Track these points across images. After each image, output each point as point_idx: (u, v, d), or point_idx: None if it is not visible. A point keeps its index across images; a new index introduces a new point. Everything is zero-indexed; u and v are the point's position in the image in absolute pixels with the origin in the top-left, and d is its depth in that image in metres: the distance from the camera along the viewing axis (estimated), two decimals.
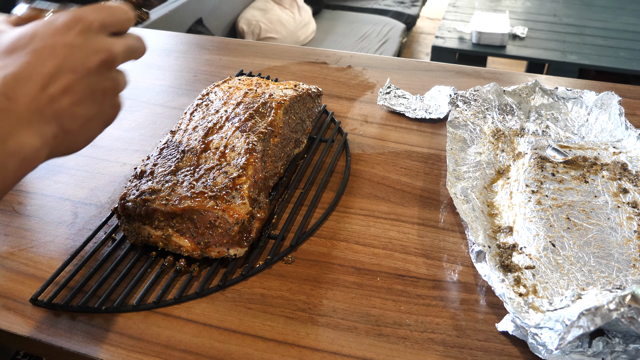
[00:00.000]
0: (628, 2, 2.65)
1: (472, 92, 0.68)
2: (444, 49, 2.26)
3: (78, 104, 0.34)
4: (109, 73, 0.36)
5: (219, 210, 0.46)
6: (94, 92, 0.35)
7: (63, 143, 0.34)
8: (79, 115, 0.34)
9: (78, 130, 0.35)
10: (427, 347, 0.43)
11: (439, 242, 0.53)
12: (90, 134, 0.36)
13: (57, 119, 0.33)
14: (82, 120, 0.35)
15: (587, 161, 0.58)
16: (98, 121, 0.37)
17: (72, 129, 0.34)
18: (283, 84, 0.66)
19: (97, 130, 0.37)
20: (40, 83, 0.32)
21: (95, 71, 0.35)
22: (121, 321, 0.45)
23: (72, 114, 0.34)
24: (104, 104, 0.36)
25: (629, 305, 0.37)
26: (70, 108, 0.34)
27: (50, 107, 0.33)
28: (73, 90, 0.34)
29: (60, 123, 0.33)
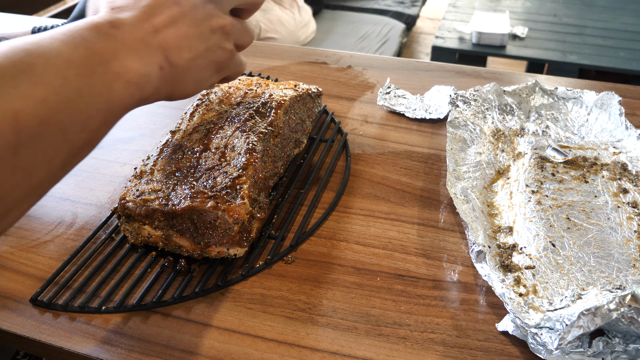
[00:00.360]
0: (628, 2, 2.65)
1: (472, 92, 0.68)
2: (444, 49, 2.26)
3: (183, 37, 0.34)
4: (216, 11, 0.36)
5: (219, 210, 0.46)
6: (200, 28, 0.34)
7: (171, 78, 0.33)
8: (185, 49, 0.34)
9: (185, 66, 0.34)
10: (427, 347, 0.43)
11: (439, 242, 0.53)
12: (199, 75, 0.36)
13: (162, 49, 0.32)
14: (189, 55, 0.34)
15: (587, 161, 0.58)
16: (206, 61, 0.36)
17: (178, 62, 0.33)
18: (283, 84, 0.66)
19: (206, 72, 0.36)
20: (144, 13, 0.32)
21: (201, 7, 0.34)
22: (121, 321, 0.45)
23: (177, 46, 0.33)
24: (211, 42, 0.35)
25: (629, 305, 0.37)
26: (175, 40, 0.33)
27: (155, 37, 0.32)
28: (178, 23, 0.33)
29: (165, 54, 0.33)
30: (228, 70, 0.39)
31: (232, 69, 0.40)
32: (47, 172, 0.25)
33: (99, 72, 0.28)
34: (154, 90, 0.32)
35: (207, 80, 0.37)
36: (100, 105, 0.28)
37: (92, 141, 0.29)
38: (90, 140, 0.28)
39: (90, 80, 0.27)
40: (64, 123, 0.25)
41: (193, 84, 0.36)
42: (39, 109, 0.24)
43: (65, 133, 0.26)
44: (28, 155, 0.24)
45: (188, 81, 0.35)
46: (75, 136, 0.26)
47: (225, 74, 0.39)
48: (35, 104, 0.24)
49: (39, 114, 0.24)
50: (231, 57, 0.38)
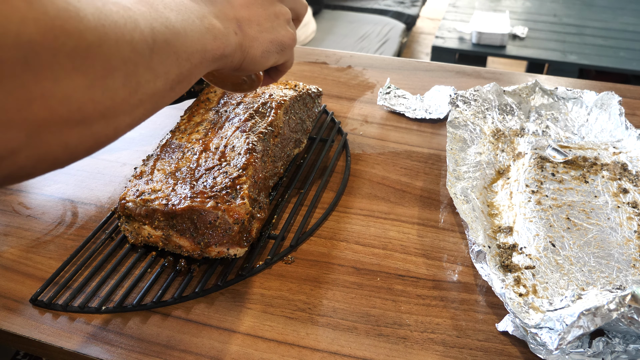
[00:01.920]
0: (628, 2, 2.65)
1: (472, 92, 0.68)
2: (444, 49, 2.26)
3: (254, 14, 0.41)
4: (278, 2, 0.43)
5: (219, 210, 0.46)
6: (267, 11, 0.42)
7: (243, 42, 0.39)
8: (255, 23, 0.41)
9: (254, 35, 0.40)
10: (427, 347, 0.43)
11: (439, 242, 0.53)
12: (266, 46, 0.41)
13: (237, 20, 0.39)
14: (258, 28, 0.41)
15: (587, 161, 0.58)
16: (272, 36, 0.42)
17: (249, 32, 0.40)
18: (283, 84, 0.66)
19: (271, 46, 0.42)
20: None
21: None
22: (121, 321, 0.45)
23: (249, 19, 0.40)
24: (276, 23, 0.43)
25: (629, 305, 0.37)
26: (247, 16, 0.40)
27: (231, 11, 0.39)
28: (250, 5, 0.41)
29: (239, 24, 0.39)
30: (287, 53, 0.45)
31: (290, 55, 0.46)
32: (164, 82, 0.32)
33: (196, 23, 0.35)
34: (232, 51, 0.38)
35: (272, 54, 0.42)
36: (198, 47, 0.34)
37: (189, 78, 0.35)
38: (189, 75, 0.34)
39: (191, 26, 0.34)
40: (177, 48, 0.32)
41: (260, 54, 0.41)
42: (164, 31, 0.31)
43: (177, 57, 0.32)
44: (157, 61, 0.31)
45: (257, 49, 0.41)
46: (183, 63, 0.33)
47: (284, 57, 0.45)
48: (161, 27, 0.31)
49: (165, 34, 0.31)
50: (293, 39, 0.44)
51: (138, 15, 0.30)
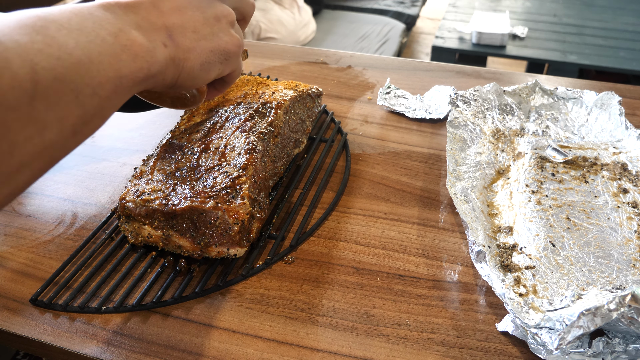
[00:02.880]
0: (628, 2, 2.65)
1: (472, 92, 0.68)
2: (444, 49, 2.26)
3: (188, 20, 0.35)
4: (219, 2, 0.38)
5: (219, 210, 0.46)
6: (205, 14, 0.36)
7: (176, 56, 0.34)
8: (189, 30, 0.35)
9: (190, 45, 0.35)
10: (427, 347, 0.43)
11: (439, 242, 0.53)
12: (205, 57, 0.36)
13: (167, 29, 0.33)
14: (194, 36, 0.35)
15: (587, 161, 0.58)
16: (212, 44, 0.36)
17: (182, 42, 0.34)
18: (283, 83, 0.66)
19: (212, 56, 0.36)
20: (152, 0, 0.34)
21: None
22: (121, 321, 0.45)
23: (182, 26, 0.34)
24: (216, 28, 0.37)
25: (629, 305, 0.37)
26: (180, 22, 0.34)
27: (160, 18, 0.33)
28: (183, 9, 0.35)
29: (169, 33, 0.33)
30: (233, 63, 0.39)
31: (236, 64, 0.40)
32: (58, 132, 0.26)
33: (107, 42, 0.29)
34: (161, 68, 0.33)
35: (214, 65, 0.37)
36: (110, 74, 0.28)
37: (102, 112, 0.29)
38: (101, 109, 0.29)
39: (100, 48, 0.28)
40: (76, 84, 0.26)
41: (199, 66, 0.36)
42: (54, 65, 0.25)
43: (77, 94, 0.27)
44: (42, 108, 0.25)
45: (194, 61, 0.35)
46: (87, 100, 0.27)
47: (230, 67, 0.39)
48: (50, 60, 0.25)
49: (55, 70, 0.25)
50: (239, 46, 0.39)
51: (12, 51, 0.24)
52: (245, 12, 0.42)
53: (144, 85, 0.32)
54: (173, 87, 0.35)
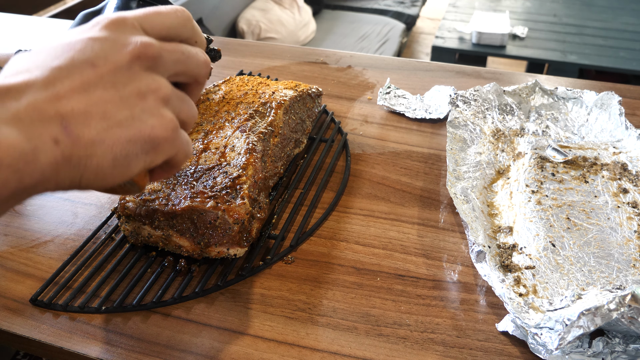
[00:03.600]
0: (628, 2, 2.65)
1: (472, 92, 0.68)
2: (444, 49, 2.26)
3: (96, 103, 0.26)
4: (147, 73, 0.28)
5: (219, 210, 0.46)
6: (121, 92, 0.27)
7: (74, 155, 0.25)
8: (96, 116, 0.26)
9: (96, 138, 0.26)
10: (427, 347, 0.43)
11: (439, 242, 0.53)
12: (119, 150, 0.27)
13: (61, 118, 0.25)
14: (102, 125, 0.26)
15: (587, 161, 0.58)
16: (131, 132, 0.27)
17: (84, 134, 0.25)
18: (283, 83, 0.66)
19: (131, 147, 0.27)
20: (48, 77, 0.26)
21: (125, 66, 0.27)
22: (121, 321, 0.45)
23: (85, 113, 0.26)
24: (138, 109, 0.27)
25: (629, 305, 0.37)
26: (83, 107, 0.26)
27: (53, 105, 0.25)
28: (91, 87, 0.26)
29: (65, 124, 0.25)
30: (168, 149, 0.29)
31: (175, 148, 0.30)
32: None
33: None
34: (47, 174, 0.25)
35: (135, 159, 0.27)
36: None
37: None
38: None
39: None
40: None
41: (111, 162, 0.26)
42: None
43: None
44: None
45: (102, 158, 0.26)
46: None
47: (164, 155, 0.29)
48: None
49: None
50: (171, 129, 0.29)
51: None
52: (194, 74, 0.32)
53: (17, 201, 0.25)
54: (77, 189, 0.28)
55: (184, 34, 0.32)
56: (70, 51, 0.27)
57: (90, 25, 0.28)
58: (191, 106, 0.32)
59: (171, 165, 0.31)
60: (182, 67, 0.31)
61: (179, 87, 0.33)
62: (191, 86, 0.33)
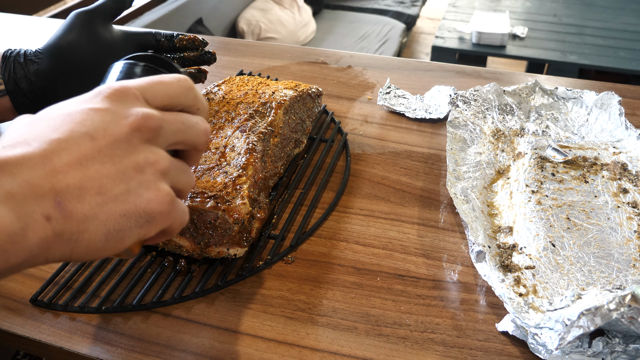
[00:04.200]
0: (628, 2, 2.65)
1: (472, 92, 0.68)
2: (444, 49, 2.26)
3: (92, 178, 0.26)
4: (144, 145, 0.28)
5: (219, 210, 0.46)
6: (118, 165, 0.27)
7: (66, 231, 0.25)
8: (91, 191, 0.26)
9: (89, 213, 0.26)
10: (427, 347, 0.43)
11: (439, 242, 0.53)
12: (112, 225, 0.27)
13: (55, 193, 0.25)
14: (97, 200, 0.26)
15: (587, 161, 0.58)
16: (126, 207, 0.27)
17: (78, 210, 0.25)
18: (283, 83, 0.66)
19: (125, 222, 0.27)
20: (45, 150, 0.25)
21: (124, 139, 0.27)
22: (121, 321, 0.45)
23: (80, 187, 0.26)
24: (134, 183, 0.27)
25: (629, 305, 0.37)
26: (78, 181, 0.26)
27: (49, 179, 0.25)
28: (89, 161, 0.26)
29: (58, 200, 0.25)
30: (163, 221, 0.29)
31: (170, 220, 0.30)
32: None
33: None
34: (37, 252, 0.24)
35: (128, 233, 0.27)
36: None
37: None
38: None
39: None
40: None
41: (104, 237, 0.26)
42: None
43: None
44: None
45: (95, 233, 0.26)
46: None
47: (159, 227, 0.29)
48: None
49: None
50: (168, 202, 0.29)
51: None
52: (193, 142, 0.32)
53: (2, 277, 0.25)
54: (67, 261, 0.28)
55: (185, 103, 0.32)
56: (69, 123, 0.27)
57: (92, 95, 0.29)
58: (189, 175, 0.32)
59: (166, 233, 0.31)
60: (182, 136, 0.31)
61: (178, 153, 0.33)
62: (189, 153, 0.33)
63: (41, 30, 1.05)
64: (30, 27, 1.06)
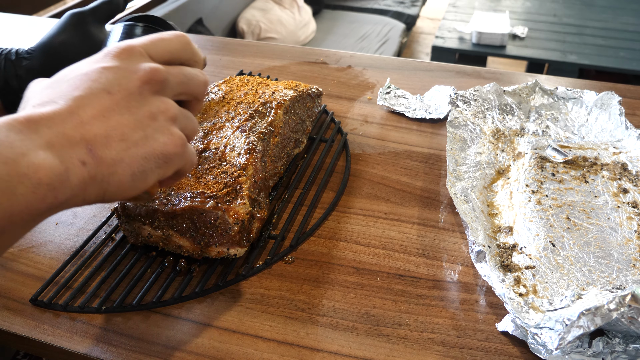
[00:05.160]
0: (628, 2, 2.65)
1: (472, 92, 0.68)
2: (444, 49, 2.26)
3: (114, 127, 0.30)
4: (155, 96, 0.32)
5: (219, 210, 0.46)
6: (135, 115, 0.31)
7: (99, 173, 0.29)
8: (116, 139, 0.30)
9: (117, 157, 0.29)
10: (427, 347, 0.43)
11: (439, 242, 0.53)
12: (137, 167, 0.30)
13: (86, 142, 0.28)
14: (121, 146, 0.30)
15: (587, 161, 0.58)
16: (146, 150, 0.31)
17: (107, 155, 0.29)
18: (283, 83, 0.66)
19: (147, 163, 0.31)
20: (70, 106, 0.29)
21: (137, 92, 0.31)
22: (121, 321, 0.45)
23: (106, 136, 0.29)
24: (150, 130, 0.31)
25: (629, 305, 0.37)
26: (104, 131, 0.29)
27: (78, 130, 0.28)
28: (109, 112, 0.30)
29: (89, 147, 0.29)
30: (178, 161, 0.33)
31: (183, 160, 0.34)
32: None
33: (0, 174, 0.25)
34: (77, 191, 0.28)
35: (150, 173, 0.31)
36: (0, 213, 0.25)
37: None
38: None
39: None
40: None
41: (130, 178, 0.30)
42: None
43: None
44: None
45: (123, 174, 0.30)
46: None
47: (175, 167, 0.33)
48: None
49: None
50: (180, 145, 0.33)
51: None
52: (194, 93, 0.36)
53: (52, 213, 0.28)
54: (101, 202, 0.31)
55: (184, 57, 0.36)
56: (87, 81, 0.30)
57: (102, 54, 0.32)
58: (193, 122, 0.36)
59: (179, 174, 0.35)
60: (185, 87, 0.35)
61: (181, 105, 0.36)
62: (192, 103, 0.37)
63: (41, 30, 1.05)
64: (30, 27, 1.06)
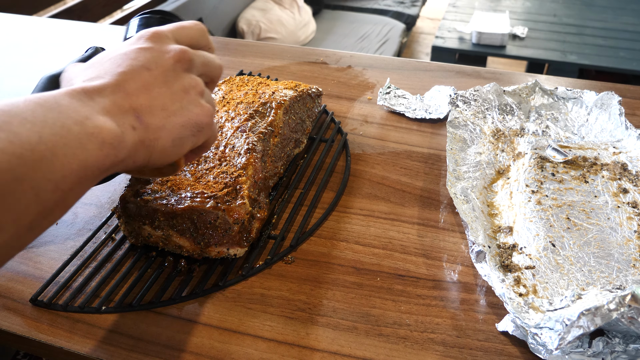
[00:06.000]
0: (628, 2, 2.65)
1: (472, 92, 0.68)
2: (444, 49, 2.26)
3: (156, 98, 0.34)
4: (186, 73, 0.36)
5: (219, 210, 0.46)
6: (172, 88, 0.35)
7: (146, 138, 0.32)
8: (158, 108, 0.33)
9: (160, 124, 0.33)
10: (427, 347, 0.43)
11: (439, 242, 0.53)
12: (177, 133, 0.34)
13: (134, 110, 0.32)
14: (163, 114, 0.34)
15: (587, 161, 0.58)
16: (183, 119, 0.35)
17: (152, 122, 0.33)
18: (283, 83, 0.66)
19: (184, 130, 0.35)
20: (116, 81, 0.32)
21: (171, 69, 0.35)
22: (121, 321, 0.45)
23: (150, 106, 0.33)
24: (185, 101, 0.35)
25: (629, 305, 0.37)
26: (148, 101, 0.33)
27: (127, 100, 0.32)
28: (150, 86, 0.34)
29: (137, 115, 0.32)
30: (208, 131, 0.37)
31: (212, 130, 0.38)
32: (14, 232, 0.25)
33: (73, 132, 0.28)
34: (130, 152, 0.31)
35: (186, 140, 0.35)
36: (74, 166, 0.27)
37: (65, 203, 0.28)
38: (63, 200, 0.27)
39: (65, 140, 0.27)
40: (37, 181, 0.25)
41: (171, 143, 0.34)
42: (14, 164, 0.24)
43: (38, 192, 0.25)
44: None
45: (165, 140, 0.34)
46: (47, 196, 0.26)
47: (205, 136, 0.37)
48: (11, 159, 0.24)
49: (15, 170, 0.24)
50: (210, 115, 0.37)
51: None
52: (212, 75, 0.40)
53: (111, 171, 0.31)
54: (146, 166, 0.34)
55: (202, 43, 0.40)
56: (127, 60, 0.34)
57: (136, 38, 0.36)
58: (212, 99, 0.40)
59: (203, 147, 0.39)
60: (206, 69, 0.39)
61: None
62: (208, 85, 0.41)
63: (41, 30, 1.05)
64: (30, 27, 1.06)
